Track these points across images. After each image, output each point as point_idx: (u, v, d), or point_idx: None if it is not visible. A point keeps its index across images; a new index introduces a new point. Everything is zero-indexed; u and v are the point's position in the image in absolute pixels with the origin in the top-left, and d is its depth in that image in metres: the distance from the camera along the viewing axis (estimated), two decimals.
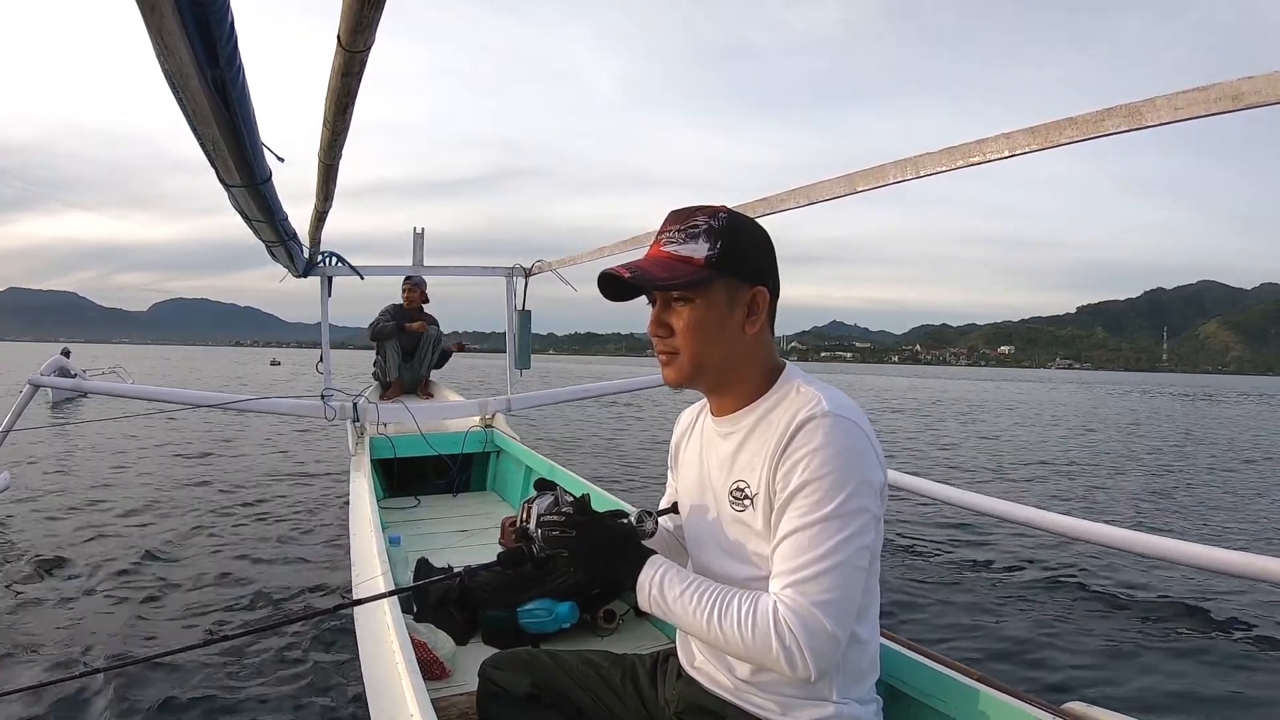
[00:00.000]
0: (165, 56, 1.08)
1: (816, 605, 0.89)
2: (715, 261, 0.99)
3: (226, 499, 5.42)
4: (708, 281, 0.99)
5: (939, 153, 1.73)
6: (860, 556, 0.93)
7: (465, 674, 1.83)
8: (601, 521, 1.06)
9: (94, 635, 2.79)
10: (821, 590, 0.90)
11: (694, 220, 1.01)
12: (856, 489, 0.92)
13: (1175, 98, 1.22)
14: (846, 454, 0.93)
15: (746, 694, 1.05)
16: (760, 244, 1.04)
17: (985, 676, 1.24)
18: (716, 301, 1.00)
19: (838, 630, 0.90)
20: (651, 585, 0.99)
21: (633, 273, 1.00)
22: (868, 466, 0.95)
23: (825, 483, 0.92)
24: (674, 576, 0.99)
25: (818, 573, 0.90)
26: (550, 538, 1.02)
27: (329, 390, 4.02)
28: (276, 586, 3.42)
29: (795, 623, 0.89)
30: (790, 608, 0.90)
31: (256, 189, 2.02)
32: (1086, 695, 1.89)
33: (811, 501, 0.92)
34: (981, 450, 10.33)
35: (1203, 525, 5.70)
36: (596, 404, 14.83)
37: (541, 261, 4.70)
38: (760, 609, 0.91)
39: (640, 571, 1.00)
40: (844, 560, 0.91)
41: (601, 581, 1.05)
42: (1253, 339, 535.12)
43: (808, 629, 0.88)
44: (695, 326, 1.01)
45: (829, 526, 0.91)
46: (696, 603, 0.95)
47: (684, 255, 1.00)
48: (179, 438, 8.84)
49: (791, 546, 0.92)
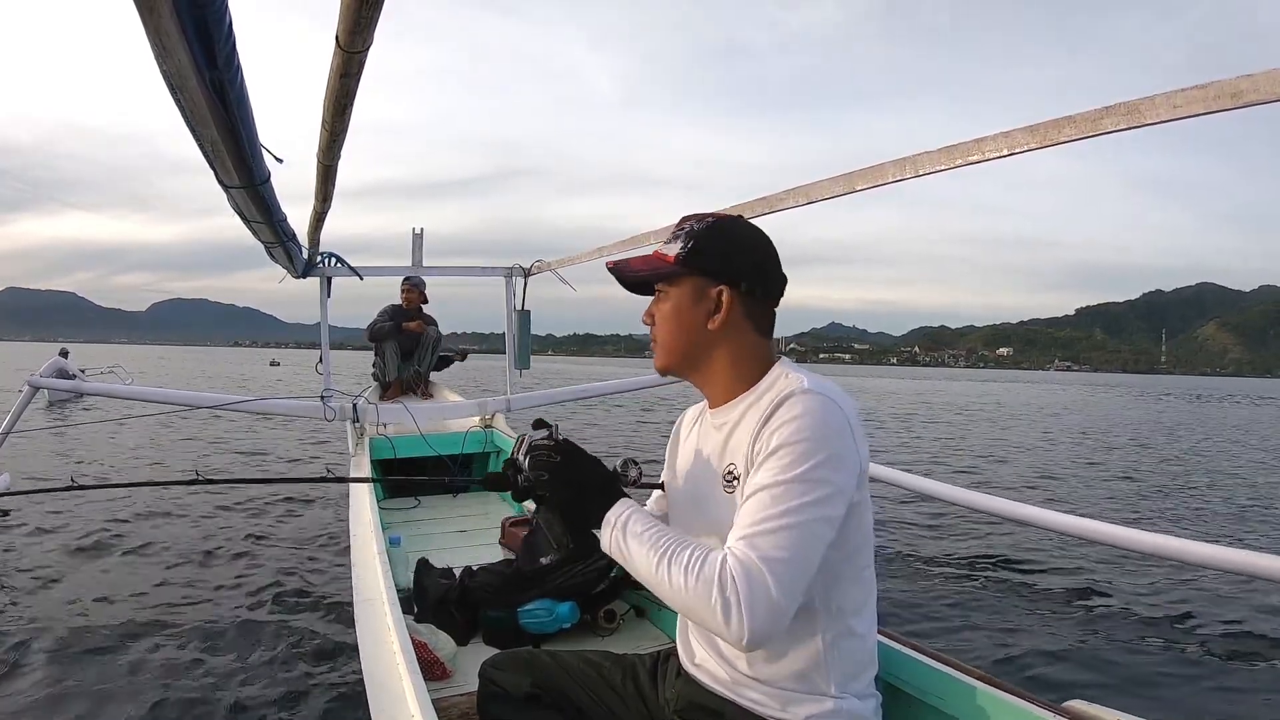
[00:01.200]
0: (164, 58, 1.08)
1: (765, 561, 0.87)
2: (683, 259, 1.08)
3: (226, 500, 5.42)
4: (675, 276, 1.09)
5: (938, 152, 1.72)
6: (820, 526, 0.91)
7: (466, 674, 1.83)
8: (586, 455, 1.08)
9: (95, 634, 2.79)
10: (773, 547, 0.88)
11: (683, 224, 1.11)
12: (827, 459, 0.93)
13: (1174, 96, 1.21)
14: (822, 426, 0.94)
15: (745, 690, 1.05)
16: (739, 246, 1.09)
17: (985, 675, 1.24)
18: (683, 296, 1.09)
19: (781, 594, 0.87)
20: (617, 521, 1.00)
21: (617, 264, 1.14)
22: (842, 442, 0.95)
23: (797, 449, 0.93)
24: (640, 518, 1.00)
25: (772, 529, 0.89)
26: (535, 459, 1.06)
27: (329, 391, 4.02)
28: (276, 587, 3.43)
29: (740, 575, 0.87)
30: (739, 560, 0.88)
31: (255, 190, 2.02)
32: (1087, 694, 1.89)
33: (781, 464, 0.93)
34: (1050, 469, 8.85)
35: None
36: (602, 405, 14.79)
37: (541, 262, 4.69)
38: (710, 559, 0.90)
39: (610, 509, 1.01)
40: (802, 523, 0.90)
41: (571, 511, 1.05)
42: (1251, 341, 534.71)
43: (751, 585, 0.86)
44: (665, 317, 1.11)
45: (793, 489, 0.91)
46: (652, 544, 0.95)
47: (663, 253, 1.10)
48: (178, 438, 8.84)
49: (753, 504, 0.93)
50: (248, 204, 2.19)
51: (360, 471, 3.03)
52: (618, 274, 1.15)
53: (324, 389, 4.03)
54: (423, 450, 3.87)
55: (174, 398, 4.24)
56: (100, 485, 4.38)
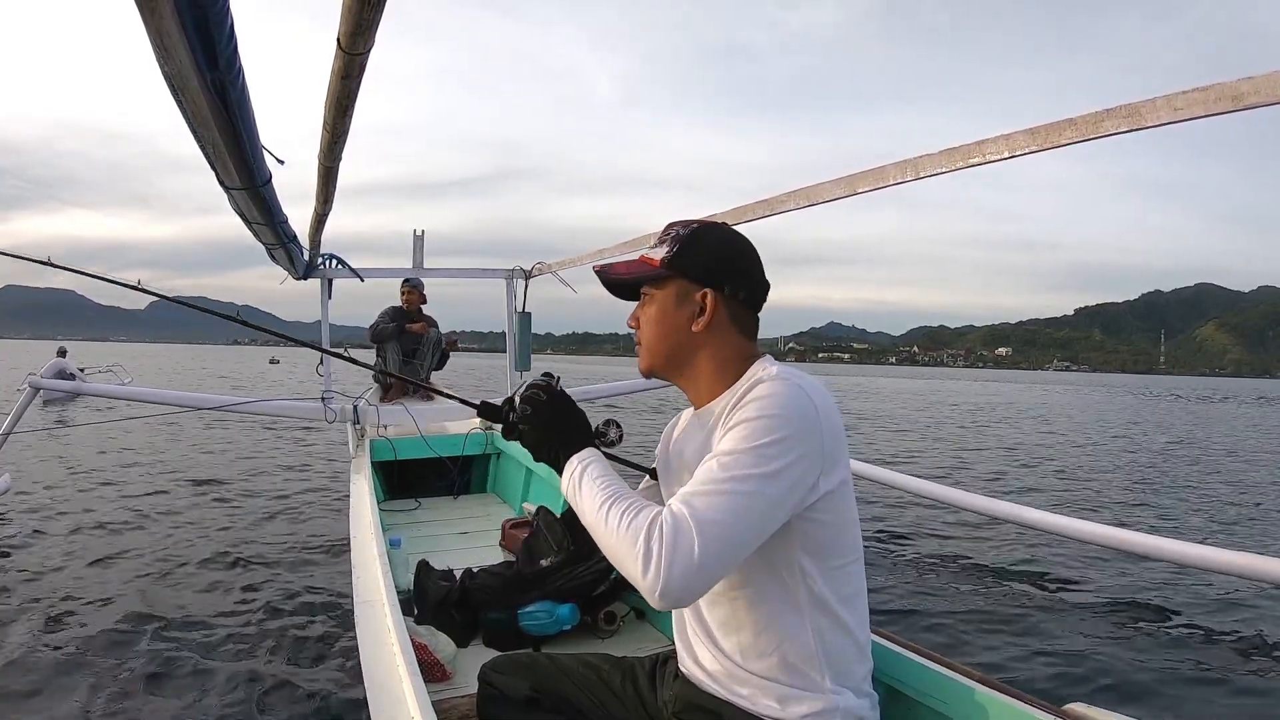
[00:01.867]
0: (165, 59, 1.08)
1: (696, 521, 0.87)
2: (668, 262, 1.09)
3: (226, 500, 5.42)
4: (660, 280, 1.10)
5: (939, 154, 1.72)
6: (761, 500, 0.91)
7: (466, 676, 1.82)
8: (575, 406, 1.11)
9: (94, 633, 2.79)
10: (708, 509, 0.88)
11: (670, 229, 1.13)
12: (785, 440, 0.92)
13: (1175, 98, 1.22)
14: (785, 408, 0.95)
15: (740, 686, 1.05)
16: (722, 251, 1.11)
17: (984, 676, 1.24)
18: (668, 299, 1.10)
19: (705, 555, 0.86)
20: (579, 464, 1.02)
21: (604, 268, 1.15)
22: (804, 425, 0.95)
23: (755, 424, 0.93)
24: (601, 465, 1.01)
25: (712, 492, 0.89)
26: (526, 395, 1.10)
27: (329, 392, 4.02)
28: (277, 588, 3.43)
29: (669, 529, 0.87)
30: (673, 514, 0.88)
31: (256, 191, 2.02)
32: (1087, 695, 1.89)
33: (738, 437, 0.93)
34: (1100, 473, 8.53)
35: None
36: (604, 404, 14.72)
37: (541, 263, 4.69)
38: (647, 509, 0.91)
39: (577, 454, 1.03)
40: (744, 492, 0.89)
41: (542, 449, 1.07)
42: (1250, 341, 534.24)
43: (677, 540, 0.86)
44: (650, 320, 1.12)
45: (743, 459, 0.91)
46: (602, 489, 0.96)
47: (648, 257, 1.12)
48: (178, 438, 8.84)
49: (702, 469, 0.94)
50: (249, 205, 2.19)
51: (361, 473, 3.03)
52: (604, 277, 1.16)
53: (324, 390, 4.04)
54: (423, 452, 3.87)
55: (174, 398, 4.25)
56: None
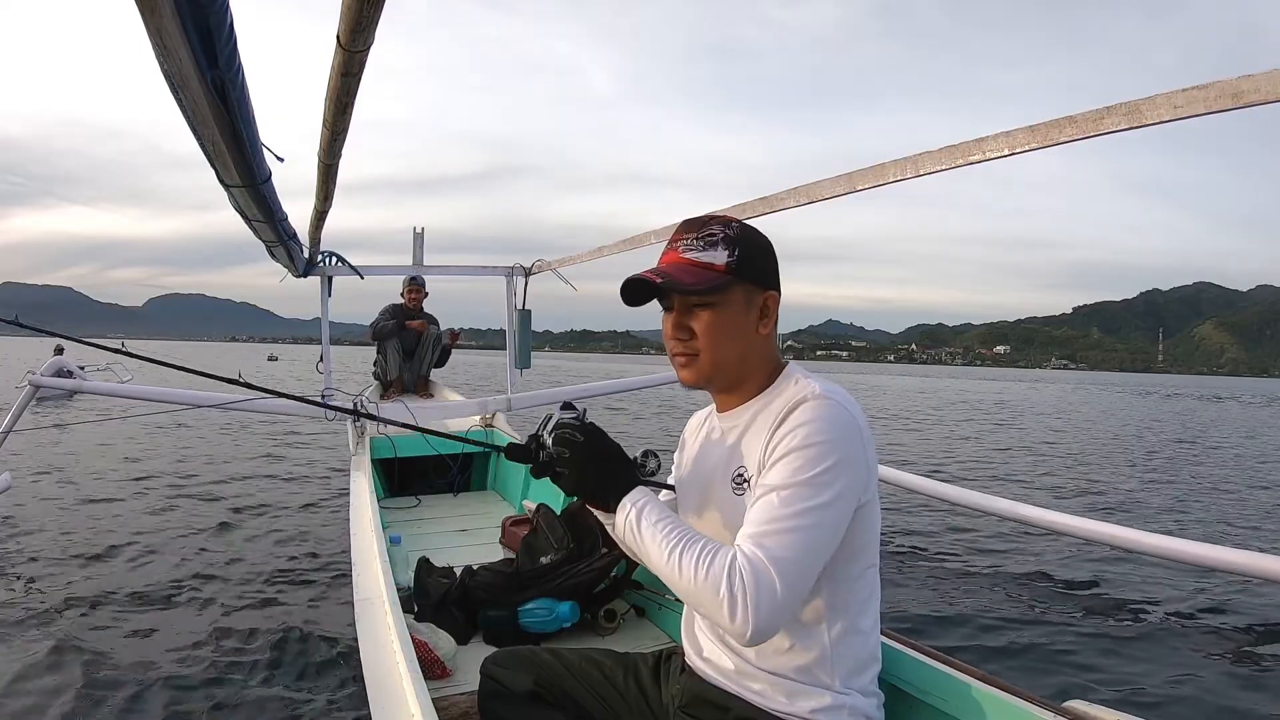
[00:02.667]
0: (165, 57, 1.08)
1: (773, 561, 0.90)
2: (735, 268, 1.05)
3: (226, 497, 5.43)
4: (728, 286, 1.05)
5: (939, 151, 1.72)
6: (826, 529, 0.94)
7: (466, 673, 1.83)
8: (612, 441, 1.08)
9: (93, 631, 2.80)
10: (782, 547, 0.90)
11: (710, 229, 1.07)
12: (837, 464, 0.95)
13: (1175, 96, 1.21)
14: (832, 430, 0.96)
15: (750, 682, 1.06)
16: (769, 251, 1.11)
17: (986, 675, 1.24)
18: (736, 305, 1.06)
19: (786, 593, 0.89)
20: (633, 508, 1.01)
21: (663, 278, 1.04)
22: (852, 447, 0.97)
23: (808, 453, 0.95)
24: (655, 507, 1.01)
25: (780, 530, 0.91)
26: (559, 436, 1.05)
27: (329, 390, 4.01)
28: (276, 586, 3.43)
29: (748, 573, 0.89)
30: (748, 558, 0.90)
31: (256, 189, 2.02)
32: (1088, 694, 1.89)
33: (792, 468, 0.95)
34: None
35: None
36: (605, 402, 14.74)
37: (542, 261, 4.68)
38: (721, 553, 0.92)
39: (627, 494, 1.02)
40: (810, 525, 0.92)
41: (587, 492, 1.05)
42: (1248, 340, 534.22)
43: (758, 582, 0.89)
44: (716, 329, 1.06)
45: (802, 491, 0.93)
46: (665, 534, 0.96)
47: (705, 262, 1.05)
48: (178, 436, 8.84)
49: (763, 505, 0.95)
50: (249, 203, 2.19)
51: (361, 471, 3.03)
52: (646, 284, 1.05)
53: (325, 388, 4.03)
54: (423, 450, 3.87)
55: (175, 396, 4.24)
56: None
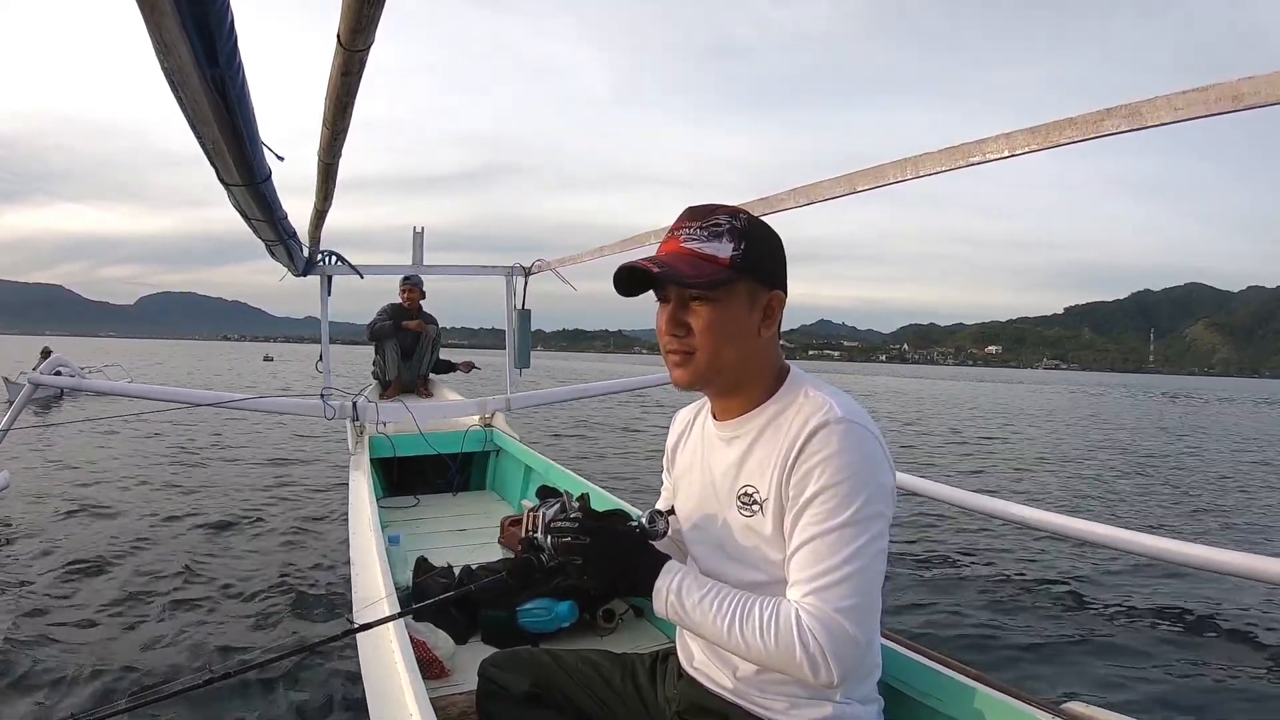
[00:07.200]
0: (165, 55, 1.08)
1: (839, 612, 0.90)
2: (739, 263, 0.98)
3: (225, 496, 5.42)
4: (731, 282, 0.98)
5: (939, 152, 1.72)
6: (878, 561, 0.94)
7: (464, 673, 1.82)
8: (613, 528, 1.04)
9: (92, 629, 2.79)
10: (843, 596, 0.90)
11: (715, 219, 1.00)
12: (872, 495, 0.93)
13: (1175, 98, 1.21)
14: (860, 460, 0.94)
15: (748, 694, 1.05)
16: (778, 248, 1.05)
17: (985, 676, 1.24)
18: (738, 303, 0.99)
19: (859, 635, 0.91)
20: (669, 592, 0.98)
21: (661, 268, 0.97)
22: (880, 472, 0.95)
23: (841, 489, 0.92)
24: (691, 583, 0.98)
25: (838, 579, 0.91)
26: (562, 545, 1.00)
27: (328, 389, 4.01)
28: (275, 585, 3.42)
29: (819, 630, 0.89)
30: (813, 615, 0.90)
31: (256, 188, 2.01)
32: (1087, 695, 1.89)
33: (828, 509, 0.93)
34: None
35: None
36: (601, 400, 14.74)
37: (541, 261, 4.68)
38: (783, 616, 0.92)
39: (657, 578, 0.99)
40: (863, 566, 0.92)
41: (618, 589, 1.04)
42: (1239, 340, 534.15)
43: (832, 636, 0.89)
44: (715, 326, 0.99)
45: (846, 533, 0.92)
46: (716, 609, 0.95)
47: (708, 254, 0.98)
48: (177, 436, 8.83)
49: (810, 554, 0.93)
50: (249, 202, 2.18)
51: (360, 470, 3.03)
52: (639, 274, 0.99)
53: (324, 388, 4.03)
54: (423, 449, 3.87)
55: (174, 395, 4.24)
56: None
